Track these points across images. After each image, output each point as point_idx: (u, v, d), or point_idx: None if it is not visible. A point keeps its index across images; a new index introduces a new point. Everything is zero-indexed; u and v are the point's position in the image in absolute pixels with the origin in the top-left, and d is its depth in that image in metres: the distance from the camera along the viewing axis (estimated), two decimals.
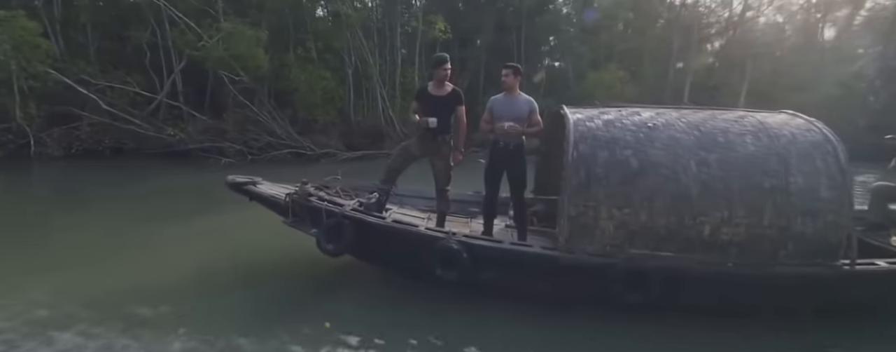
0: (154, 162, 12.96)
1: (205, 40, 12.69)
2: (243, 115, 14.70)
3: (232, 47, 12.28)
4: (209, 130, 14.39)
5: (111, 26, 15.08)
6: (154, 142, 13.65)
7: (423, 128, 3.71)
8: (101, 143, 13.14)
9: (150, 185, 10.29)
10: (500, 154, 3.75)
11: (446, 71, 3.75)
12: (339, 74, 16.09)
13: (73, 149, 12.69)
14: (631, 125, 3.24)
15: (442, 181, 3.97)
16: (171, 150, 13.46)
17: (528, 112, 3.69)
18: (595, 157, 3.06)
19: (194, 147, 13.55)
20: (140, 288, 3.70)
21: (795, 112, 3.48)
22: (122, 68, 14.33)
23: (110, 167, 12.28)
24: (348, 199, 4.17)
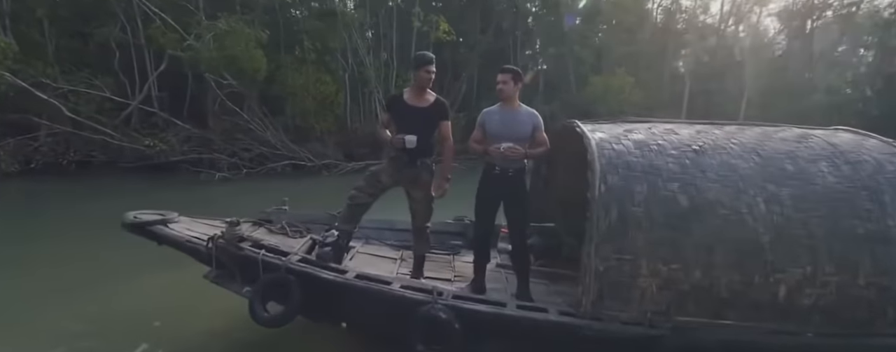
0: (130, 177, 11.42)
1: (191, 40, 11.26)
2: (231, 122, 13.34)
3: (226, 48, 10.95)
4: (192, 139, 12.95)
5: (72, 22, 13.31)
6: (129, 154, 12.08)
7: (398, 149, 2.87)
8: (65, 156, 11.42)
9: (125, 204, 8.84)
10: (496, 182, 2.91)
11: (430, 74, 2.91)
12: (336, 78, 14.97)
13: (33, 163, 10.94)
14: (670, 148, 2.56)
15: (421, 218, 3.13)
16: (149, 163, 11.93)
17: (532, 129, 2.88)
18: (630, 192, 2.35)
19: (177, 159, 12.11)
20: None
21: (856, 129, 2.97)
22: (87, 70, 12.63)
23: (77, 184, 10.63)
24: (298, 237, 3.42)
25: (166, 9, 12.99)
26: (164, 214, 3.10)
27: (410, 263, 3.33)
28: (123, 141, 11.95)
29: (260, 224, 3.55)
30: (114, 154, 12.17)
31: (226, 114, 13.23)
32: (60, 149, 11.60)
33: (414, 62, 2.98)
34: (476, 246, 3.09)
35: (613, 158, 2.48)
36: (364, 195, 3.02)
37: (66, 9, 12.76)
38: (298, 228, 3.58)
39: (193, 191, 10.41)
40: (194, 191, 10.41)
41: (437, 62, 3.07)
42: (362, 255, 3.57)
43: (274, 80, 13.28)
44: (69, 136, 11.86)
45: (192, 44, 11.15)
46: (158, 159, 11.93)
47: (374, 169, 3.08)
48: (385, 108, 3.13)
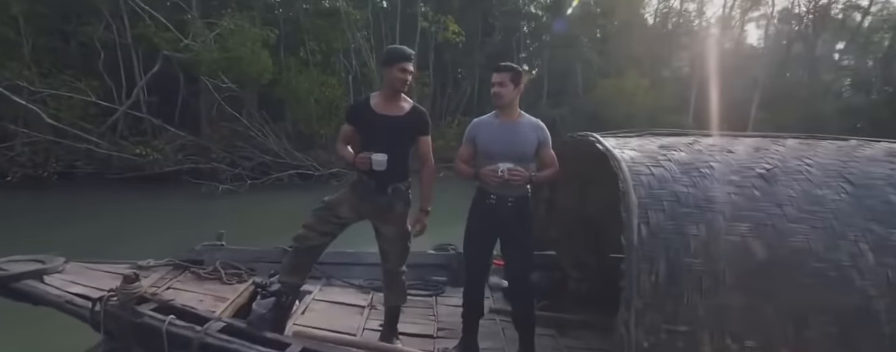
0: (120, 189, 10.44)
1: (190, 40, 10.37)
2: (230, 129, 12.46)
3: (229, 49, 10.12)
4: (187, 147, 12.02)
5: (51, 19, 12.23)
6: (117, 164, 11.09)
7: (364, 170, 2.24)
8: (45, 167, 10.37)
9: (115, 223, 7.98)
10: (491, 216, 2.30)
11: (406, 74, 2.25)
12: (340, 81, 14.24)
13: (9, 176, 9.86)
14: (728, 172, 1.94)
15: (394, 260, 2.44)
16: (141, 174, 10.96)
17: (537, 145, 2.29)
18: (683, 236, 1.72)
19: (171, 169, 11.17)
20: None
21: None
22: (70, 72, 11.59)
23: (60, 199, 9.64)
24: (236, 282, 2.87)
25: (157, 6, 12.09)
26: (44, 260, 2.52)
27: (382, 310, 2.65)
28: (111, 150, 10.96)
29: (185, 267, 2.94)
30: (100, 164, 11.16)
31: (224, 119, 12.34)
32: (39, 159, 10.52)
33: (384, 58, 2.30)
34: (466, 297, 2.47)
35: (655, 186, 1.86)
36: (315, 235, 2.32)
37: (44, 5, 11.69)
38: (238, 271, 2.98)
39: (194, 205, 9.53)
40: (195, 205, 9.53)
41: (440, 65, 2.44)
42: (320, 304, 2.90)
43: (275, 83, 12.45)
44: (49, 145, 10.81)
45: (190, 44, 10.23)
46: (151, 170, 10.97)
47: (329, 199, 2.37)
48: (347, 117, 2.40)
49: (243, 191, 10.41)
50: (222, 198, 10.05)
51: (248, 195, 10.44)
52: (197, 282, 2.83)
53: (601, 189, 2.23)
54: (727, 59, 21.02)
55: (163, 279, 2.79)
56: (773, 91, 17.75)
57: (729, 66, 20.57)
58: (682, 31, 22.17)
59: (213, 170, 11.39)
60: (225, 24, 10.35)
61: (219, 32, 10.27)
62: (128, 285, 2.18)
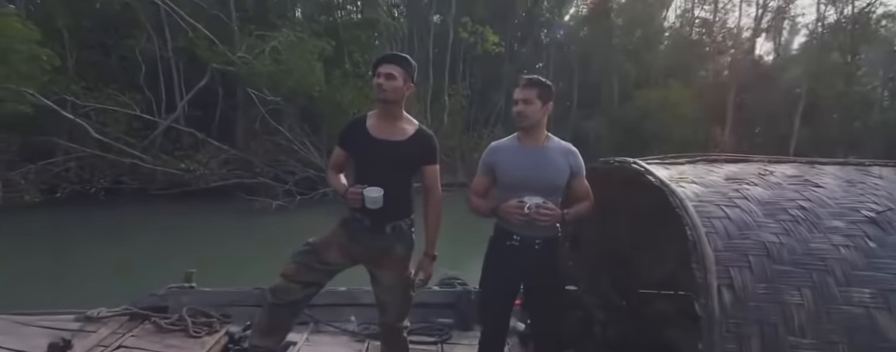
0: (167, 205, 10.36)
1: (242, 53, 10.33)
2: (272, 142, 12.38)
3: (283, 61, 10.07)
4: (230, 161, 11.94)
5: (92, 32, 12.27)
6: (162, 179, 11.00)
7: (357, 207, 1.87)
8: (93, 182, 10.28)
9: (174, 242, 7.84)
10: (513, 260, 1.93)
11: (380, 77, 1.84)
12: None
13: (58, 192, 9.77)
14: (826, 215, 1.55)
15: (393, 312, 2.06)
16: (187, 189, 10.85)
17: (570, 174, 1.91)
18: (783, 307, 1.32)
19: (218, 184, 11.06)
20: None
21: None
22: (113, 86, 11.57)
23: (109, 216, 9.53)
24: (204, 333, 2.43)
25: (198, 18, 12.12)
26: None
27: None
28: (156, 164, 10.87)
29: (144, 317, 2.49)
30: (144, 179, 11.07)
31: (266, 133, 12.27)
32: (86, 175, 10.44)
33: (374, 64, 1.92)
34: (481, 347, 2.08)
35: (735, 235, 1.47)
36: (297, 287, 1.94)
37: (87, 18, 11.73)
38: (209, 318, 2.56)
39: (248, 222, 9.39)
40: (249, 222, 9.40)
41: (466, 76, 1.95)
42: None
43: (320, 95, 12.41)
44: (94, 160, 10.75)
45: (243, 57, 10.19)
46: (196, 185, 10.86)
47: (313, 241, 1.99)
48: (339, 139, 2.03)
49: (293, 206, 10.27)
50: (274, 214, 9.92)
51: (299, 211, 10.31)
52: (158, 335, 2.39)
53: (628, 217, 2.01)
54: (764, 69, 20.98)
55: (115, 334, 2.35)
56: (815, 103, 17.59)
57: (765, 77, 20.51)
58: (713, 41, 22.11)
59: (259, 185, 11.28)
60: (283, 37, 10.26)
61: (273, 45, 10.17)
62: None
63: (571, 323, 2.62)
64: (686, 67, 20.71)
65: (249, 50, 10.55)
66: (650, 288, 2.80)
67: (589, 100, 20.35)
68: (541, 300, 2.04)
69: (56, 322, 2.32)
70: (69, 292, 5.12)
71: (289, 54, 10.13)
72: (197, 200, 10.73)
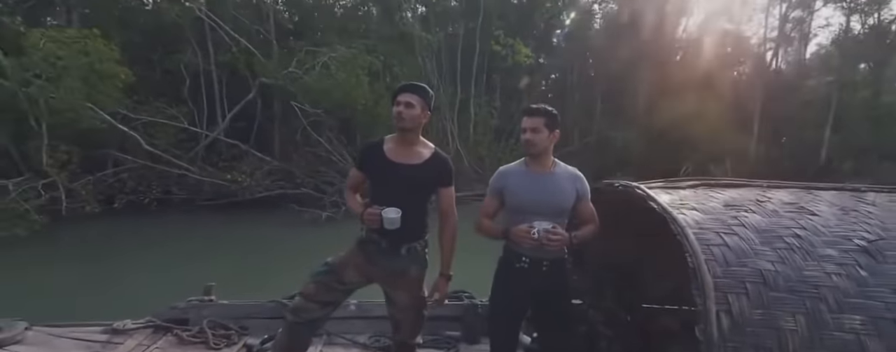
0: (216, 216, 10.72)
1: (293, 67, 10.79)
2: (313, 154, 12.76)
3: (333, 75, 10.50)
4: (272, 172, 12.32)
5: (140, 47, 12.83)
6: (208, 189, 11.39)
7: (375, 228, 1.93)
8: (147, 193, 10.69)
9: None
10: (524, 282, 2.01)
11: (399, 106, 1.93)
12: None
13: (116, 203, 10.18)
14: (820, 243, 1.62)
15: (407, 329, 2.13)
16: (233, 200, 11.23)
17: (576, 199, 2.01)
18: (778, 332, 1.40)
19: (262, 195, 11.43)
20: None
21: None
22: (162, 99, 12.07)
23: (163, 225, 9.91)
24: (223, 346, 2.56)
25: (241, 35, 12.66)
26: (1, 327, 2.28)
27: None
28: (203, 175, 11.27)
29: (167, 329, 2.62)
30: (191, 190, 11.47)
31: (307, 145, 12.66)
32: (139, 186, 10.87)
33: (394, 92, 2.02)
34: None
35: (733, 262, 1.54)
36: (316, 306, 2.03)
37: (139, 34, 12.30)
38: (228, 331, 2.67)
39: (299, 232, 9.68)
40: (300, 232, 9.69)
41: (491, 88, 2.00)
42: None
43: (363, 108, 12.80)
44: (144, 171, 11.18)
45: (294, 71, 10.63)
46: (243, 196, 11.22)
47: (332, 261, 2.07)
48: (356, 161, 2.12)
49: (340, 217, 10.57)
50: (325, 226, 10.22)
51: (344, 222, 10.60)
52: (180, 347, 2.53)
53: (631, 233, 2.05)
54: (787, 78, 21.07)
55: (140, 346, 2.49)
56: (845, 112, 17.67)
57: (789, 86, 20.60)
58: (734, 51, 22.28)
59: (302, 195, 11.62)
60: (335, 52, 10.69)
61: (323, 61, 10.60)
62: None
63: (576, 338, 2.64)
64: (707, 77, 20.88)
65: (299, 65, 10.96)
66: (654, 303, 2.85)
67: (613, 108, 20.56)
68: (549, 318, 2.11)
69: (85, 334, 2.46)
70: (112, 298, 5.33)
71: (340, 69, 10.54)
72: (243, 210, 11.08)
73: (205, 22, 12.50)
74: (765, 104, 19.11)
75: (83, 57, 8.22)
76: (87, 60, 8.23)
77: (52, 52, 7.85)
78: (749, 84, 20.92)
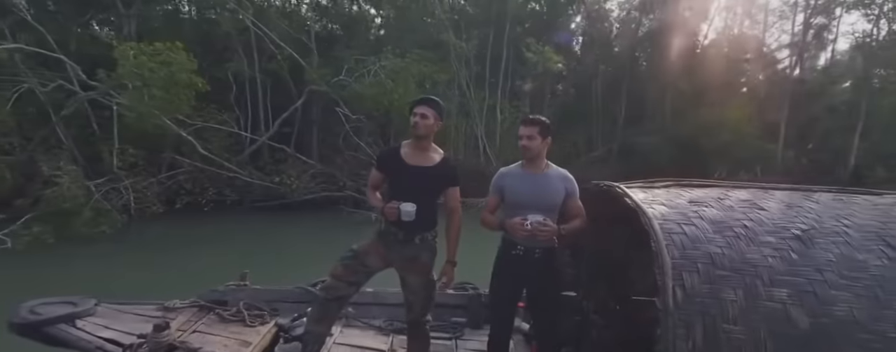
0: (266, 217, 11.29)
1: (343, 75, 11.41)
2: (353, 157, 13.34)
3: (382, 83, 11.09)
4: (316, 176, 12.90)
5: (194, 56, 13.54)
6: (258, 192, 11.99)
7: (392, 220, 2.28)
8: (204, 195, 11.32)
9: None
10: (517, 267, 2.34)
11: (422, 118, 2.30)
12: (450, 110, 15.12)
13: (178, 203, 10.81)
14: (762, 232, 1.91)
15: (419, 309, 2.47)
16: (283, 202, 11.81)
17: (565, 196, 2.34)
18: (720, 301, 1.70)
19: (309, 197, 12.01)
20: None
21: None
22: (213, 105, 12.73)
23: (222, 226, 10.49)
24: (258, 324, 2.90)
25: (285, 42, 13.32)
26: (76, 302, 2.56)
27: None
28: (253, 178, 11.88)
29: (209, 309, 2.98)
30: (241, 192, 12.08)
31: (349, 148, 13.24)
32: (195, 188, 11.50)
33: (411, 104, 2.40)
34: (490, 344, 2.48)
35: (688, 247, 1.84)
36: (343, 285, 2.41)
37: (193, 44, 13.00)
38: (261, 312, 3.02)
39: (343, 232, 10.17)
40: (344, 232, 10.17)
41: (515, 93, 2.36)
42: (340, 348, 2.91)
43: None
44: (198, 174, 11.81)
45: (344, 79, 11.25)
46: (292, 198, 11.80)
47: (356, 247, 2.43)
48: (376, 164, 2.49)
49: None
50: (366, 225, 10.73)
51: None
52: (221, 324, 2.86)
53: (623, 230, 2.22)
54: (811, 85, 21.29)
55: (189, 322, 2.84)
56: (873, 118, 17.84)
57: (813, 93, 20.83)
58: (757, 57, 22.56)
59: (346, 197, 12.16)
60: (387, 61, 11.29)
61: (374, 69, 11.21)
62: (158, 333, 2.29)
63: (570, 325, 3.00)
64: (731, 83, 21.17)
65: (349, 73, 11.57)
66: (642, 295, 3.05)
67: (636, 115, 20.91)
68: (541, 302, 2.45)
69: (143, 310, 2.84)
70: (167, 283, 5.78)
71: (388, 77, 11.13)
72: (291, 211, 11.66)
73: (251, 32, 13.19)
74: (791, 111, 19.39)
75: (166, 67, 8.87)
76: (169, 71, 8.87)
77: (144, 63, 8.52)
78: (774, 90, 21.22)
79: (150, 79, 8.61)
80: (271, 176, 12.18)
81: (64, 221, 7.55)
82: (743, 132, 16.34)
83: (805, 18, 21.05)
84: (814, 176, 16.30)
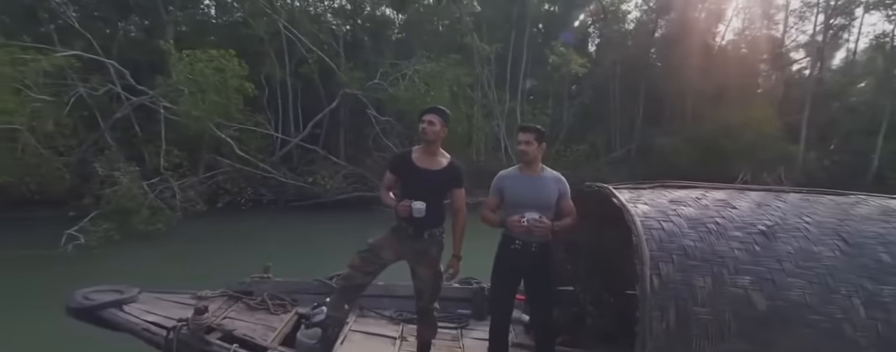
0: (302, 215, 11.71)
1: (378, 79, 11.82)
2: (383, 158, 13.71)
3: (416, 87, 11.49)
4: (347, 176, 13.32)
5: None
6: (292, 191, 12.42)
7: (404, 217, 2.56)
8: (242, 194, 11.77)
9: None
10: (515, 259, 2.59)
11: (429, 124, 2.58)
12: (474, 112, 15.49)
13: (219, 203, 11.27)
14: (732, 227, 2.13)
15: (427, 297, 2.77)
16: (317, 202, 12.24)
17: (558, 197, 2.60)
18: (691, 287, 1.92)
19: (342, 197, 12.43)
20: None
21: None
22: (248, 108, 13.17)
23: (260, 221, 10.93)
24: (281, 312, 3.19)
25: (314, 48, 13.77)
26: (122, 291, 2.84)
27: (413, 342, 3.01)
28: (288, 178, 12.31)
29: (237, 298, 3.27)
30: (276, 192, 12.52)
31: (380, 149, 13.64)
32: (233, 187, 11.96)
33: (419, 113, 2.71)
34: (491, 335, 2.72)
35: (665, 240, 2.06)
36: (360, 275, 2.71)
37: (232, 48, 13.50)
38: (283, 301, 3.33)
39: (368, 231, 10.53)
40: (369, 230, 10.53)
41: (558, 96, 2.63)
42: (356, 334, 3.17)
43: None
44: (234, 174, 12.26)
45: (379, 83, 11.66)
46: (326, 198, 12.22)
47: (372, 241, 2.74)
48: (390, 167, 2.79)
49: None
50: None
51: None
52: (248, 312, 3.16)
53: (617, 229, 2.37)
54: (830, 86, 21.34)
55: (220, 309, 3.09)
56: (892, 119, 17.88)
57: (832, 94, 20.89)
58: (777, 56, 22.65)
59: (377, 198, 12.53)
60: (421, 66, 11.70)
61: (408, 74, 11.61)
62: (198, 316, 2.55)
63: (567, 316, 3.31)
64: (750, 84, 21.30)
65: (383, 77, 11.99)
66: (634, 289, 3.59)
67: (654, 116, 21.09)
68: (536, 291, 2.71)
69: (180, 299, 3.13)
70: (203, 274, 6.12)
71: (422, 81, 11.53)
72: (325, 210, 12.07)
73: (283, 36, 13.64)
74: (812, 111, 19.47)
75: (220, 74, 9.33)
76: (222, 77, 9.32)
77: (202, 70, 8.99)
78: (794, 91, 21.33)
79: (206, 84, 9.05)
80: (304, 177, 12.60)
81: (125, 219, 7.99)
82: (764, 133, 16.49)
83: (825, 19, 21.13)
84: (837, 177, 16.41)
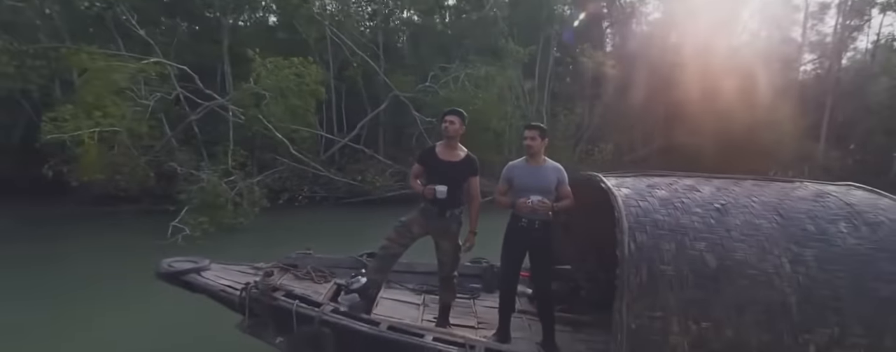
0: (353, 211, 12.48)
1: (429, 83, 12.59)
2: None
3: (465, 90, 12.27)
4: (395, 175, 14.12)
5: None
6: (342, 189, 13.22)
7: (429, 198, 3.20)
8: (300, 191, 12.59)
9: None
10: (521, 235, 3.18)
11: (450, 124, 3.22)
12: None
13: (281, 199, 12.08)
14: (694, 206, 2.70)
15: (448, 267, 3.40)
16: (368, 199, 13.03)
17: (557, 183, 3.20)
18: (659, 250, 2.47)
19: (392, 194, 13.21)
20: None
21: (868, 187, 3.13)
22: None
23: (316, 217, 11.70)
24: (323, 282, 3.73)
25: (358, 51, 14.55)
26: (197, 261, 3.36)
27: (433, 308, 3.61)
28: (341, 177, 13.12)
29: (286, 269, 3.82)
30: (327, 189, 13.32)
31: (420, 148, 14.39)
32: (287, 185, 12.75)
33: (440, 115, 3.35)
34: (501, 296, 3.32)
35: (640, 215, 2.59)
36: (396, 245, 3.29)
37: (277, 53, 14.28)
38: (323, 273, 3.87)
39: None
40: None
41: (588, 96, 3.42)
42: (386, 301, 3.70)
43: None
44: (288, 173, 13.06)
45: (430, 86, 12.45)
46: (377, 195, 13.00)
47: (404, 220, 3.33)
48: (418, 159, 3.42)
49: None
50: None
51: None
52: (297, 280, 3.71)
53: (607, 214, 2.75)
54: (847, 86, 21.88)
55: (275, 277, 3.50)
56: None
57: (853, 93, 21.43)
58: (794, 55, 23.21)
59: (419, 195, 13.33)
60: (472, 69, 12.46)
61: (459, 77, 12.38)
62: (267, 278, 3.10)
63: (565, 290, 4.00)
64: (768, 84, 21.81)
65: (434, 80, 12.77)
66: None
67: (675, 116, 21.64)
68: (539, 261, 3.26)
69: (242, 269, 3.66)
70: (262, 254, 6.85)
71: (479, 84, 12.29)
72: (374, 207, 12.80)
73: (328, 41, 14.42)
74: (831, 111, 20.07)
75: (299, 79, 10.15)
76: (299, 82, 10.13)
77: (285, 77, 9.81)
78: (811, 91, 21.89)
79: (288, 90, 9.86)
80: (353, 175, 13.39)
81: (213, 214, 8.80)
82: (786, 132, 17.09)
83: (841, 19, 21.73)
84: (859, 176, 16.73)
